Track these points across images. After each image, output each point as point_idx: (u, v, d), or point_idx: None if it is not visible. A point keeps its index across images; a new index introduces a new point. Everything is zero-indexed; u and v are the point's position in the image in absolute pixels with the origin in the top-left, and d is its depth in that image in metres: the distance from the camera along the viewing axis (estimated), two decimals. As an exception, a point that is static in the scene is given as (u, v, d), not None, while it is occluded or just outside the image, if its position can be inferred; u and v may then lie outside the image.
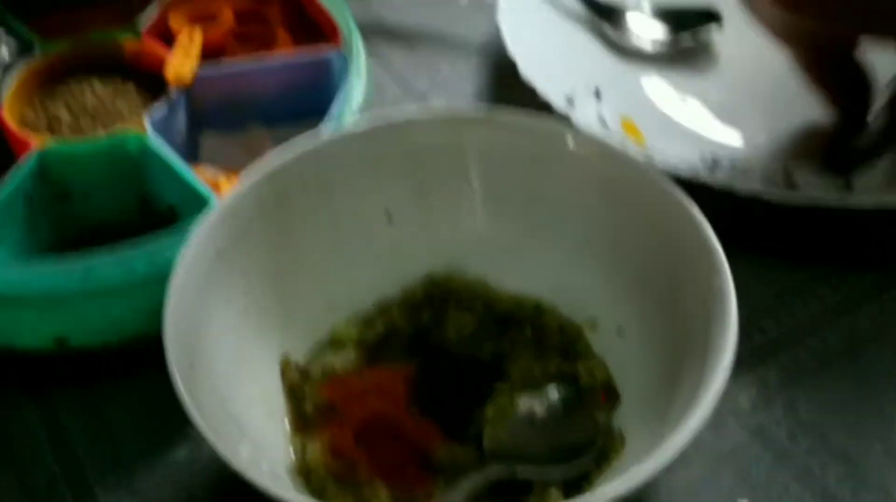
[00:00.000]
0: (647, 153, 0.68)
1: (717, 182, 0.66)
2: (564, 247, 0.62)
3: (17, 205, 0.64)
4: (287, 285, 0.60)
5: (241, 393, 0.55)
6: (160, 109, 0.67)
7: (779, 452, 0.59)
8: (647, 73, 0.80)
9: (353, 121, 0.66)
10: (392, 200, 0.62)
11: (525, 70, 0.73)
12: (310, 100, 0.71)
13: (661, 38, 0.81)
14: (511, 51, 0.75)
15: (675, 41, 0.81)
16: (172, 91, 0.68)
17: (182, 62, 0.69)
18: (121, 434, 0.62)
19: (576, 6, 0.82)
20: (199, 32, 0.71)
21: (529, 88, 0.73)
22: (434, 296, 0.63)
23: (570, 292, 0.62)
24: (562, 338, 0.61)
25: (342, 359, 0.60)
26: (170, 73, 0.69)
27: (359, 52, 0.70)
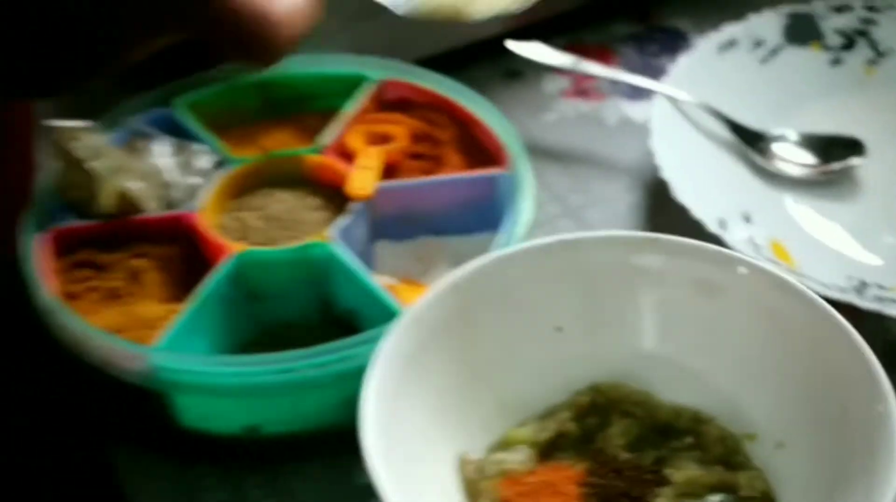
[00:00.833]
0: (798, 274, 0.71)
1: (867, 306, 0.69)
2: (725, 364, 0.65)
3: (214, 304, 0.68)
4: (465, 389, 0.63)
5: (424, 488, 0.59)
6: (343, 221, 0.71)
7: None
8: (794, 197, 0.83)
9: (526, 238, 0.69)
10: (562, 313, 0.66)
11: (678, 192, 0.76)
12: (478, 215, 0.75)
13: (807, 164, 0.84)
14: (664, 173, 0.78)
15: (820, 168, 0.84)
16: (354, 204, 0.73)
17: (364, 178, 0.74)
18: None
19: (724, 132, 0.85)
20: (381, 153, 0.76)
21: (681, 208, 0.75)
22: (599, 403, 0.65)
23: (729, 405, 0.64)
24: (722, 448, 0.63)
25: (516, 458, 0.62)
26: (352, 188, 0.73)
27: (525, 172, 0.74)
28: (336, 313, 0.72)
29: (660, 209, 0.83)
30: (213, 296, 0.69)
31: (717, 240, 0.73)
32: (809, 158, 0.84)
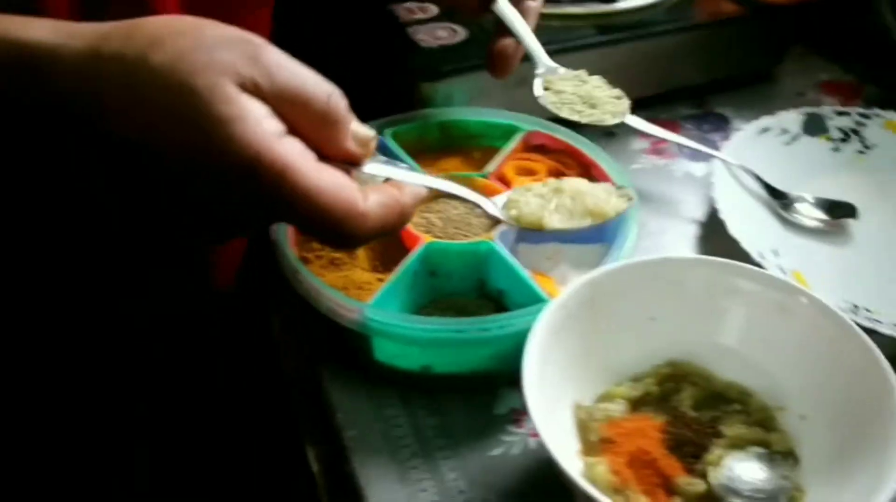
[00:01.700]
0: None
1: (865, 324, 0.65)
2: (770, 358, 0.61)
3: (408, 277, 0.66)
4: (585, 355, 0.60)
5: (551, 421, 0.56)
6: (502, 227, 0.68)
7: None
8: (808, 241, 0.79)
9: (632, 254, 0.66)
10: (657, 308, 0.62)
11: (731, 229, 0.73)
12: (594, 230, 0.69)
13: (818, 219, 0.80)
14: (722, 214, 0.74)
15: (827, 222, 0.80)
16: (510, 217, 0.69)
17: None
18: (458, 431, 0.63)
19: (760, 191, 0.81)
20: (527, 182, 0.73)
21: (731, 241, 0.72)
22: (674, 374, 0.62)
23: (768, 385, 0.61)
24: (761, 414, 0.60)
25: (616, 408, 0.60)
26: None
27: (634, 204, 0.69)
28: (488, 292, 0.69)
29: (712, 239, 0.79)
30: (408, 271, 0.66)
31: (760, 266, 0.68)
32: (820, 215, 0.80)
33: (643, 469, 0.56)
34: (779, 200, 0.80)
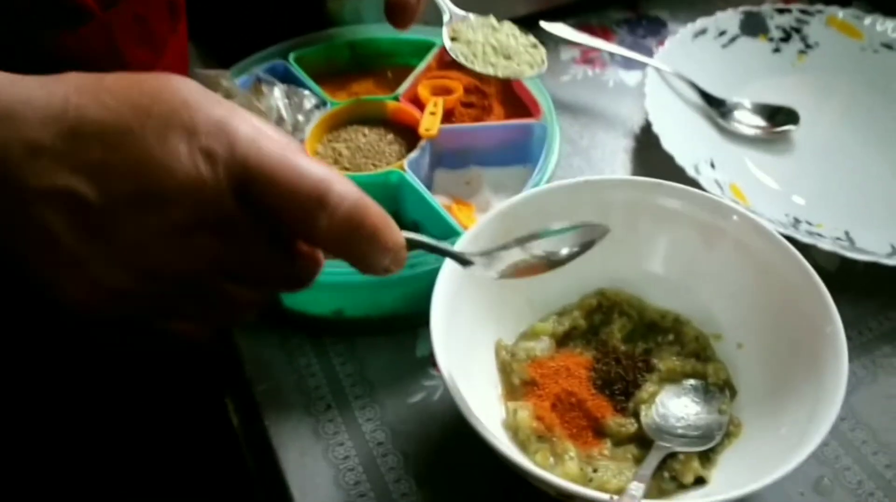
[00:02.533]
0: (753, 211, 0.62)
1: (804, 240, 0.60)
2: (704, 282, 0.57)
3: None
4: (504, 290, 0.55)
5: (470, 364, 0.52)
6: (414, 154, 0.62)
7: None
8: (746, 150, 0.73)
9: (554, 177, 0.61)
10: (581, 236, 0.57)
11: (665, 142, 0.67)
12: (514, 152, 0.66)
13: (757, 126, 0.74)
14: (655, 127, 0.69)
15: (767, 130, 0.74)
16: (422, 142, 0.64)
17: (431, 122, 0.64)
18: (376, 378, 0.58)
19: (696, 98, 0.75)
20: (443, 102, 0.66)
21: (665, 154, 0.66)
22: (603, 305, 0.58)
23: (703, 311, 0.57)
24: (696, 344, 0.56)
25: (540, 347, 0.55)
26: (422, 129, 0.64)
27: (555, 123, 0.65)
28: (404, 224, 0.63)
29: (646, 152, 0.73)
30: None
31: (694, 182, 0.64)
32: (759, 122, 0.75)
33: (569, 411, 0.51)
34: (716, 108, 0.74)
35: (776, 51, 0.82)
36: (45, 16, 0.50)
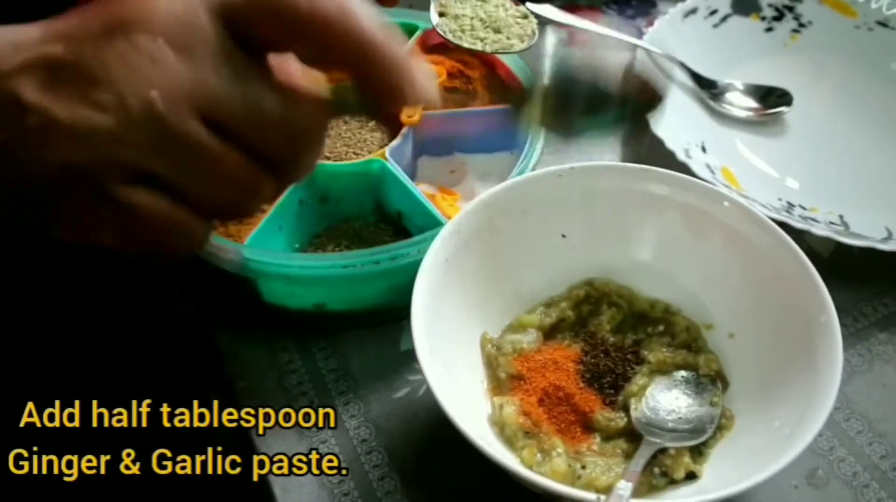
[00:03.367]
0: (745, 196, 0.61)
1: (798, 225, 0.59)
2: (695, 270, 0.55)
3: (293, 204, 0.59)
4: (489, 282, 0.54)
5: (455, 359, 0.50)
6: (396, 142, 0.61)
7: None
8: (738, 133, 0.72)
9: (540, 164, 0.58)
10: (567, 224, 0.56)
11: (655, 126, 0.65)
12: (498, 138, 0.64)
13: (749, 108, 0.73)
14: (645, 112, 0.67)
15: (759, 112, 0.72)
16: (404, 129, 0.62)
17: (413, 108, 0.62)
18: (359, 374, 0.57)
19: (686, 80, 0.73)
20: (425, 86, 0.64)
21: (656, 139, 0.64)
22: (591, 295, 0.56)
23: (694, 301, 0.55)
24: (687, 335, 0.54)
25: (526, 339, 0.53)
26: (404, 116, 0.62)
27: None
28: (387, 213, 0.62)
29: (636, 137, 0.71)
30: (291, 200, 0.59)
31: (685, 166, 0.62)
32: (751, 103, 0.73)
33: (557, 406, 0.50)
34: (707, 90, 0.73)
35: (769, 30, 0.80)
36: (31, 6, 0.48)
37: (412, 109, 0.62)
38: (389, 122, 0.56)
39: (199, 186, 0.33)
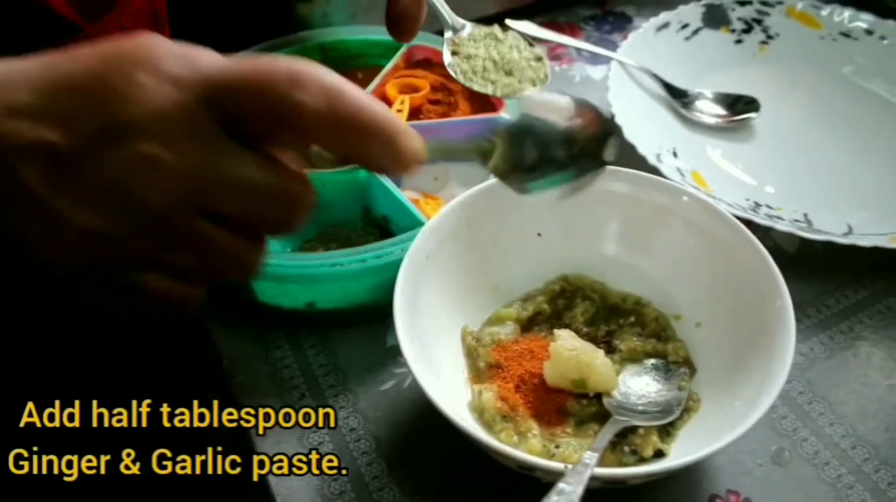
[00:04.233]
0: (713, 197, 0.64)
1: (762, 221, 0.62)
2: (663, 264, 0.58)
3: None
4: (469, 278, 0.57)
5: (436, 353, 0.53)
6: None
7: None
8: (708, 139, 0.75)
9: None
10: (542, 223, 0.59)
11: (628, 133, 0.69)
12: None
13: (718, 115, 0.76)
14: (618, 118, 0.70)
15: (727, 118, 0.76)
16: (389, 138, 0.65)
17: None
18: (349, 368, 0.60)
19: (659, 90, 0.77)
20: (409, 100, 0.68)
21: (629, 145, 0.68)
22: (566, 289, 0.59)
23: (663, 293, 0.58)
24: (656, 325, 0.57)
25: (504, 331, 0.56)
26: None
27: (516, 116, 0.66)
28: (374, 218, 0.65)
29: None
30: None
31: (656, 170, 0.65)
32: (720, 111, 0.76)
33: (533, 392, 0.53)
34: (678, 99, 0.76)
35: (738, 42, 0.83)
36: (33, 31, 0.51)
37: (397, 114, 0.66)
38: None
39: (201, 265, 0.36)
